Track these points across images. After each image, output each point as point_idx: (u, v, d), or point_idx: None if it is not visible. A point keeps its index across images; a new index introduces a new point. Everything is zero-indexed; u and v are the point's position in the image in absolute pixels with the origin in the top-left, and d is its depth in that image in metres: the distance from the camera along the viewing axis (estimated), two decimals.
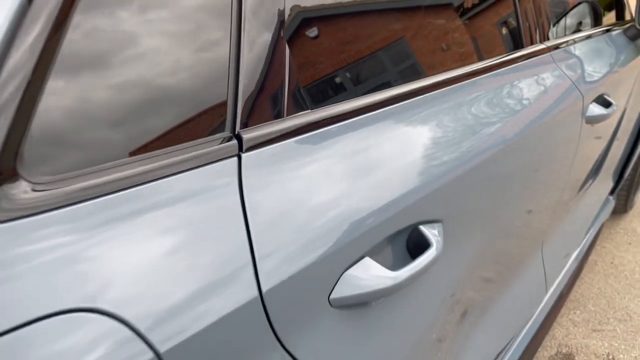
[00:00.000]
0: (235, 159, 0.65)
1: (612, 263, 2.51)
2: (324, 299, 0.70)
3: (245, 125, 0.67)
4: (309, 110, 0.76)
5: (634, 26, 2.05)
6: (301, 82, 0.76)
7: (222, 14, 0.65)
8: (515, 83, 1.23)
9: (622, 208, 2.77)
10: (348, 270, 0.72)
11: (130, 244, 0.53)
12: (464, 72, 1.08)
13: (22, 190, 0.49)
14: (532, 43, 1.40)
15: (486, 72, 1.15)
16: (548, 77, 1.36)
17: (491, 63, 1.19)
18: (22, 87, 0.49)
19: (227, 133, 0.66)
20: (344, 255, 0.71)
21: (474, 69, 1.12)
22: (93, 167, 0.54)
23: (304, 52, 0.77)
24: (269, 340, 0.63)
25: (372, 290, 0.73)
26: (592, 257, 2.55)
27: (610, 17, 2.17)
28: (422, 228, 0.84)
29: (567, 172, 1.51)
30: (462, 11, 1.17)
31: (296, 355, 0.66)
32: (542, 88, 1.31)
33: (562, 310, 2.17)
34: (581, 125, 1.48)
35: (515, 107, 1.15)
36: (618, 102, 1.74)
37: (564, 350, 1.99)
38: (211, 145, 0.63)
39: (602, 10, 2.01)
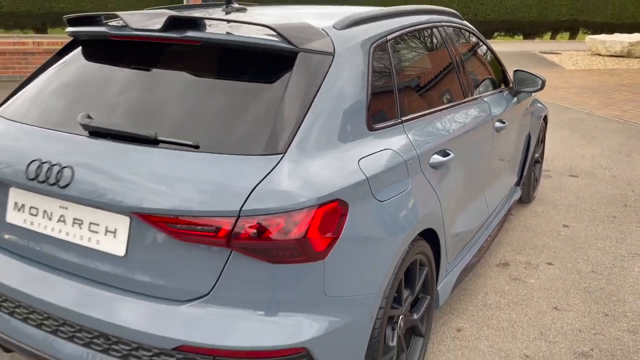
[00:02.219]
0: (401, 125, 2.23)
1: (525, 225, 4.16)
2: (428, 165, 2.26)
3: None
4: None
5: (512, 88, 3.82)
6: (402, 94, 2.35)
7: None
8: (470, 111, 2.89)
9: (526, 198, 4.47)
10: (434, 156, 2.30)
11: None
12: (456, 102, 2.74)
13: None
14: (471, 95, 3.07)
15: (462, 103, 2.82)
16: (481, 110, 3.04)
17: (462, 100, 2.85)
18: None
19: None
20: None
21: (458, 101, 2.78)
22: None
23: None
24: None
25: (441, 161, 2.31)
26: (514, 220, 4.18)
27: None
28: (448, 150, 2.43)
29: (490, 156, 3.15)
30: (447, 77, 2.83)
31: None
32: (482, 114, 2.98)
33: (497, 247, 3.75)
34: (493, 132, 3.15)
35: (474, 123, 2.81)
36: (508, 124, 3.45)
37: (502, 262, 3.56)
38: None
39: (497, 80, 3.77)
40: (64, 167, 1.77)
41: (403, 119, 2.24)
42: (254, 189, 1.60)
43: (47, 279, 1.85)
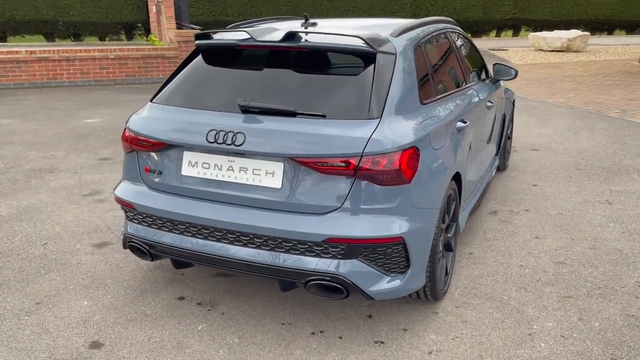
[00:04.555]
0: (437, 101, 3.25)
1: (504, 186, 5.27)
2: (455, 128, 3.28)
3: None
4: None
5: (492, 78, 4.91)
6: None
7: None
8: (472, 93, 3.94)
9: (502, 166, 5.59)
10: (458, 123, 3.34)
11: None
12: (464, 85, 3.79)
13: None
14: (470, 82, 4.12)
15: (466, 88, 3.86)
16: (477, 93, 4.10)
17: (465, 86, 3.90)
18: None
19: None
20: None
21: (464, 86, 3.83)
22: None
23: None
24: None
25: (462, 126, 3.35)
26: (496, 182, 5.28)
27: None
28: (464, 119, 3.46)
29: (485, 127, 4.22)
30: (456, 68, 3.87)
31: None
32: (480, 95, 4.05)
33: (486, 201, 4.84)
34: (486, 110, 4.23)
35: (472, 100, 3.87)
36: (494, 104, 4.54)
37: (492, 211, 4.64)
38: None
39: (482, 71, 4.85)
40: (237, 133, 2.69)
41: (437, 97, 3.26)
42: (369, 139, 2.58)
43: (222, 208, 2.77)
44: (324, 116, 2.69)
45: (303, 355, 2.77)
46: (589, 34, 19.23)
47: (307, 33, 2.98)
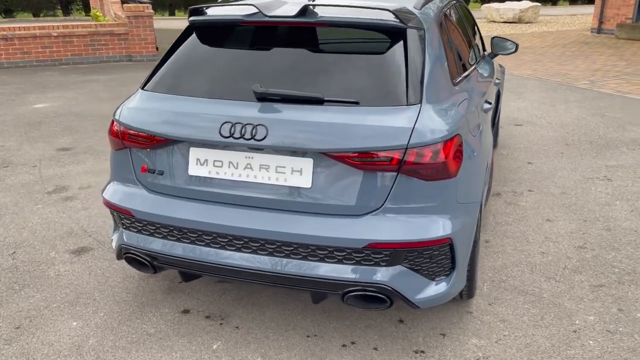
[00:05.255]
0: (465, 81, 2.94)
1: (499, 165, 5.08)
2: (483, 110, 3.00)
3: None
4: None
5: (491, 52, 4.66)
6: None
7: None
8: (486, 68, 3.66)
9: (495, 145, 5.40)
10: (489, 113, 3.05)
11: None
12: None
13: None
14: (480, 56, 3.85)
15: (478, 63, 3.57)
16: (489, 69, 3.83)
17: (477, 60, 3.61)
18: None
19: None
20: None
21: (477, 61, 3.54)
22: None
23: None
24: None
25: (487, 107, 3.06)
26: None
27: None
28: (488, 100, 3.18)
29: (494, 104, 3.98)
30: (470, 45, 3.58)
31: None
32: (490, 72, 3.77)
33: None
34: (494, 87, 3.97)
35: (488, 78, 3.59)
36: (500, 80, 4.30)
37: (495, 193, 4.44)
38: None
39: (483, 47, 4.59)
40: (257, 125, 2.31)
41: (463, 75, 2.96)
42: (413, 128, 2.26)
43: (241, 213, 2.39)
44: (357, 103, 2.34)
45: None
46: (540, 4, 19.41)
47: (325, 6, 2.60)
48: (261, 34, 2.70)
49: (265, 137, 2.30)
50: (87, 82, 9.26)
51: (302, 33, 2.63)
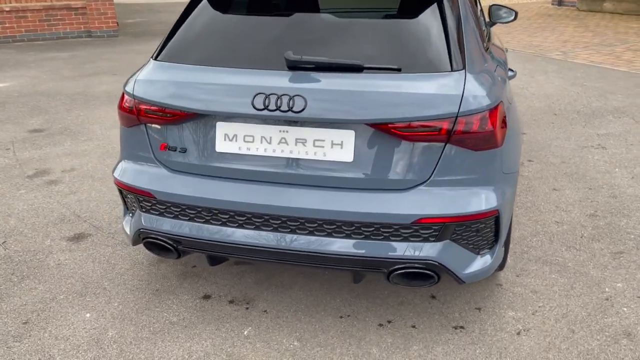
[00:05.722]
0: (490, 49, 2.83)
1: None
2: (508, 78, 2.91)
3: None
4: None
5: (490, 21, 4.57)
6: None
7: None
8: (499, 38, 3.57)
9: None
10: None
11: None
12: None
13: None
14: (485, 27, 3.75)
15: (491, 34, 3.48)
16: (498, 39, 3.74)
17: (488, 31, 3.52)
18: None
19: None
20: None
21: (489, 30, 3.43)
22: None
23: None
24: None
25: (511, 75, 2.97)
26: None
27: None
28: (511, 68, 3.10)
29: None
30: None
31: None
32: (499, 43, 3.68)
33: None
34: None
35: (501, 46, 3.50)
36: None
37: None
38: None
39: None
40: (294, 96, 2.14)
41: (490, 43, 2.86)
42: (462, 95, 2.14)
43: (277, 191, 2.23)
44: (399, 70, 2.20)
45: (383, 354, 2.36)
46: None
47: None
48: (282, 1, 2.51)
49: (303, 109, 2.13)
50: (47, 59, 8.74)
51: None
